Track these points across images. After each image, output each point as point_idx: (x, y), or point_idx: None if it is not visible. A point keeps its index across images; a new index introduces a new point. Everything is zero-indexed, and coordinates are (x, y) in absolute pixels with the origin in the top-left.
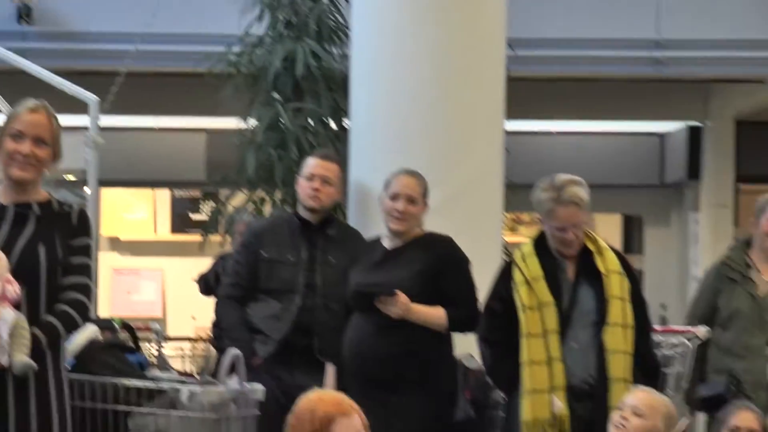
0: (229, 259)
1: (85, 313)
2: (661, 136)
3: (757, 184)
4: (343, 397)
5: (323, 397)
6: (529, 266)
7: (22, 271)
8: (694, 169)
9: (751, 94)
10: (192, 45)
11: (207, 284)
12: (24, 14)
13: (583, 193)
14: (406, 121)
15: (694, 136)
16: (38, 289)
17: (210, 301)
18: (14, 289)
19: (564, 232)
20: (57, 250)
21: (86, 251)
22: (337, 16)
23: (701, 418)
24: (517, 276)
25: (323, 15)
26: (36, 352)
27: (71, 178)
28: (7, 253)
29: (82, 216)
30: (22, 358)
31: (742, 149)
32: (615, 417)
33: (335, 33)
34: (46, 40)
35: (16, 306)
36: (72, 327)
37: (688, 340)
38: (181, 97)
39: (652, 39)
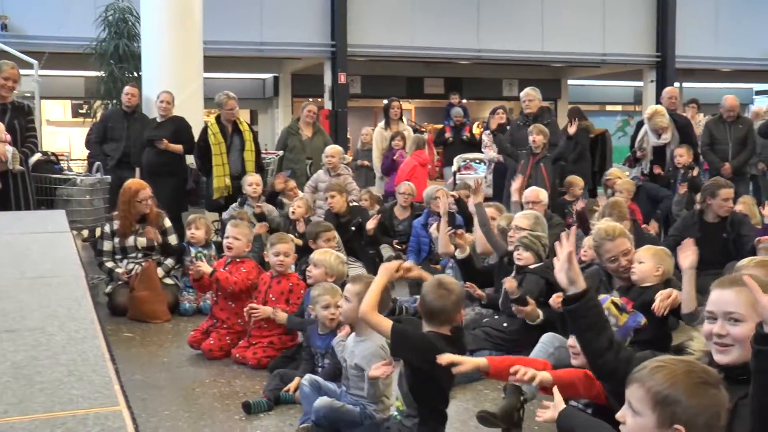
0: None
1: (36, 148)
2: None
3: None
4: None
5: None
6: None
7: (9, 131)
8: None
9: None
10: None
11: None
12: None
13: None
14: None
15: None
16: (16, 139)
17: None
18: (8, 138)
19: None
20: (22, 122)
21: (33, 123)
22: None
23: None
24: None
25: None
26: (22, 163)
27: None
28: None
29: (29, 108)
30: (17, 166)
31: None
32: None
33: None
34: None
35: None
36: (32, 153)
37: None
38: None
39: None
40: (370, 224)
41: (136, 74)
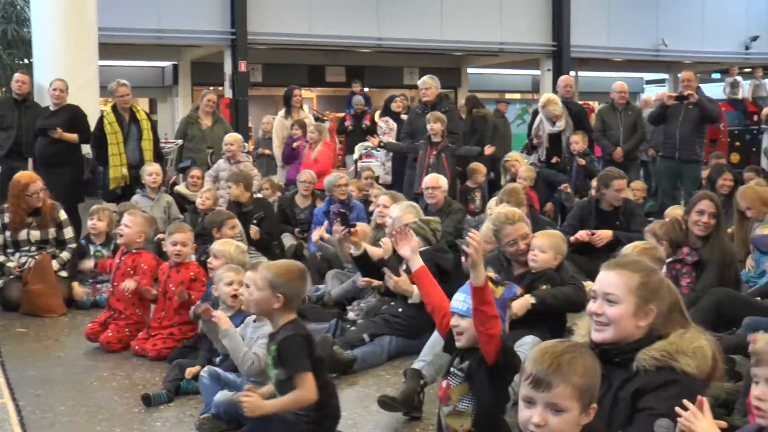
0: None
1: None
2: None
3: None
4: None
5: None
6: None
7: None
8: None
9: None
10: None
11: None
12: None
13: None
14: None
15: None
16: None
17: None
18: None
19: None
20: None
21: None
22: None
23: None
24: None
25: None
26: None
27: None
28: None
29: None
30: None
31: None
32: None
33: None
34: None
35: None
36: None
37: None
38: None
39: None
40: (254, 234)
41: (26, 61)
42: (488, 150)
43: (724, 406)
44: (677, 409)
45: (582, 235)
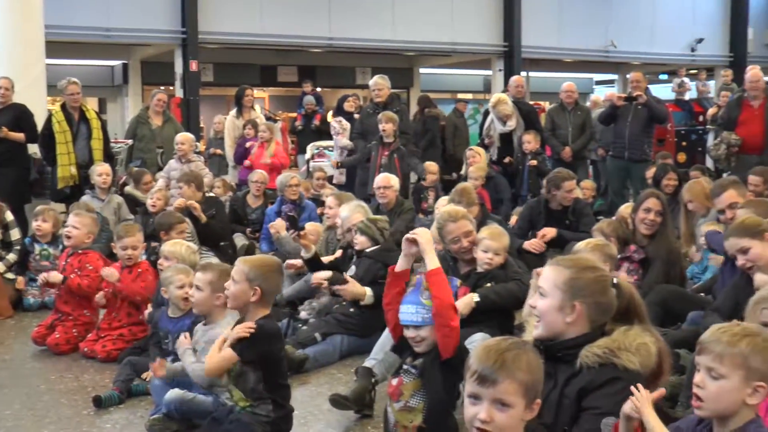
0: None
1: None
2: None
3: None
4: None
5: None
6: None
7: None
8: None
9: None
10: None
11: None
12: None
13: None
14: None
15: None
16: None
17: None
18: None
19: None
20: None
21: None
22: None
23: None
24: None
25: None
26: None
27: None
28: None
29: None
30: None
31: None
32: None
33: None
34: None
35: None
36: None
37: None
38: None
39: None
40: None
41: None
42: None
43: (669, 399)
44: (632, 388)
45: (536, 247)
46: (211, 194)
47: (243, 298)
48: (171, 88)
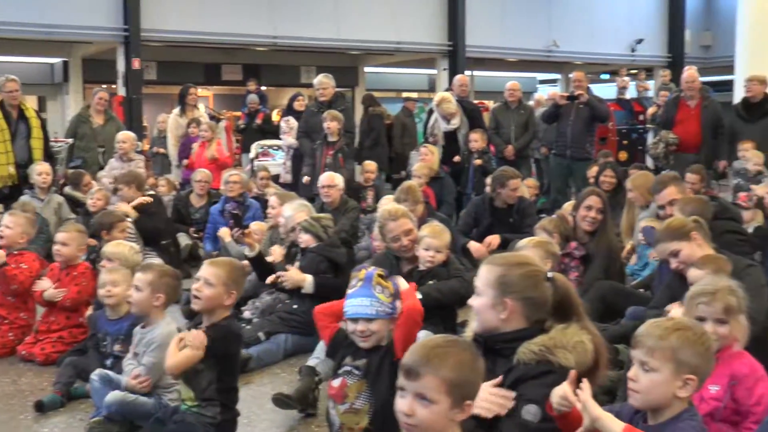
0: None
1: None
2: None
3: None
4: None
5: None
6: None
7: None
8: None
9: None
10: None
11: None
12: None
13: None
14: None
15: None
16: None
17: None
18: None
19: None
20: None
21: None
22: None
23: None
24: None
25: None
26: None
27: None
28: None
29: None
30: None
31: None
32: None
33: None
34: None
35: None
36: None
37: None
38: None
39: None
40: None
41: None
42: None
43: (608, 393)
44: (572, 373)
45: (481, 255)
46: (151, 192)
47: (218, 301)
48: (113, 86)
